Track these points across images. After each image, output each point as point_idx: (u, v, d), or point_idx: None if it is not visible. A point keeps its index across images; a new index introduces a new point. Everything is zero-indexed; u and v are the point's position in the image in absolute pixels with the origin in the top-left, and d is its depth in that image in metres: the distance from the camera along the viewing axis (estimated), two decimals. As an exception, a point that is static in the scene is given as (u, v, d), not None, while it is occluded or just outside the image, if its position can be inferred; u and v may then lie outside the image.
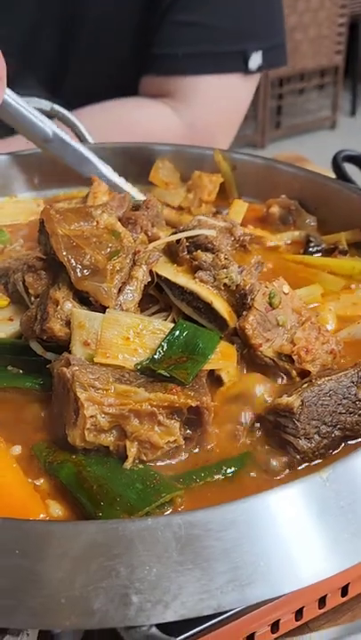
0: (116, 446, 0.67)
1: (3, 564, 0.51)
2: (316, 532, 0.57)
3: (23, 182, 1.24)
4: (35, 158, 1.23)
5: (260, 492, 0.57)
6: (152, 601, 0.50)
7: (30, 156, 1.24)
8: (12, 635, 0.56)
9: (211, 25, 1.63)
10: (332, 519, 0.58)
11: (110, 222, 0.83)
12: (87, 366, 0.70)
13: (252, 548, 0.54)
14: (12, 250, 0.99)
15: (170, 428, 0.67)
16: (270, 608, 0.70)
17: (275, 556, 0.55)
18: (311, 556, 0.56)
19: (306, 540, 0.57)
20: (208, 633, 0.66)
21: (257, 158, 1.22)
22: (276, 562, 0.55)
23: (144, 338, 0.75)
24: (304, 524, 0.57)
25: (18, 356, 0.80)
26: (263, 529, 0.56)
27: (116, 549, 0.52)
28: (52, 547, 0.52)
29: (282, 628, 0.73)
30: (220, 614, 0.65)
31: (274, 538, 0.56)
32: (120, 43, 1.67)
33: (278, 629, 0.73)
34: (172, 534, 0.53)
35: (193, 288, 0.81)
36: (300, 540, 0.57)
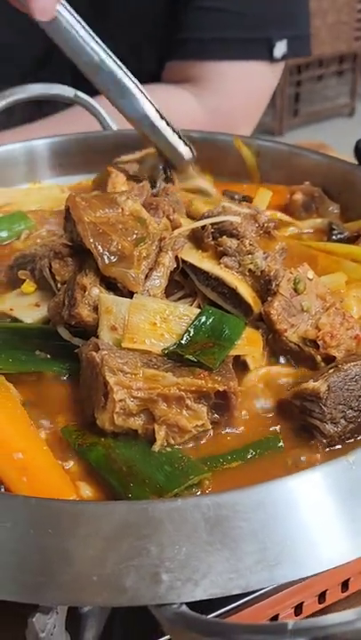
0: (145, 430, 0.68)
1: (36, 543, 0.53)
2: (342, 515, 0.58)
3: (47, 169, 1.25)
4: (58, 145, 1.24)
5: (287, 475, 0.58)
6: (182, 579, 0.51)
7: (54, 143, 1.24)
8: (43, 612, 0.57)
9: (237, 11, 1.63)
10: (358, 502, 0.58)
11: (136, 209, 0.83)
12: (116, 351, 0.71)
13: (278, 530, 0.55)
14: (37, 236, 1.00)
15: (197, 412, 0.68)
16: (295, 590, 0.71)
17: (301, 537, 0.56)
18: (336, 539, 0.57)
19: (331, 523, 0.57)
20: (235, 613, 0.67)
21: (281, 145, 1.22)
22: (302, 543, 0.55)
23: (170, 323, 0.76)
24: (329, 506, 0.58)
25: (45, 342, 0.81)
26: (289, 511, 0.56)
27: (147, 529, 0.53)
28: (84, 526, 0.53)
29: (305, 611, 0.74)
30: (246, 595, 0.67)
31: (300, 520, 0.56)
32: (145, 28, 1.67)
33: (302, 612, 0.74)
34: (200, 515, 0.53)
35: (218, 273, 0.82)
36: (326, 523, 0.57)
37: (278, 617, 0.72)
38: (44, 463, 0.63)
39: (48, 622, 0.56)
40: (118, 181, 0.95)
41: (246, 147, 1.21)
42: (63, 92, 1.23)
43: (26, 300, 0.87)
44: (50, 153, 1.23)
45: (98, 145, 1.22)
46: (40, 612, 0.56)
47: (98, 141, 1.22)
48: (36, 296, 0.87)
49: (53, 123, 1.54)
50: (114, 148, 1.19)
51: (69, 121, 1.51)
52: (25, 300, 0.86)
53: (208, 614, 0.62)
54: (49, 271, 0.85)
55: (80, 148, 1.19)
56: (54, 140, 1.23)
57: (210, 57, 1.68)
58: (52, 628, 0.56)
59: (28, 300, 0.87)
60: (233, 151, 1.22)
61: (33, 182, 1.22)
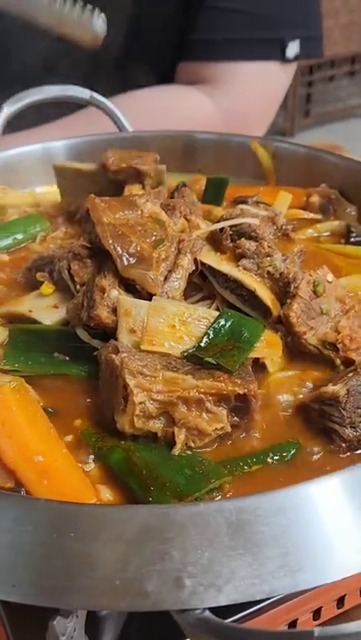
0: (164, 432, 0.67)
1: (58, 547, 0.52)
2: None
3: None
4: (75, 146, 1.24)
5: (307, 480, 0.57)
6: (205, 584, 0.51)
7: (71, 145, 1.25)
8: (63, 616, 0.57)
9: (250, 12, 1.63)
10: (379, 508, 0.58)
11: (155, 211, 0.83)
12: (135, 353, 0.70)
13: (299, 535, 0.55)
14: (54, 237, 1.00)
15: (217, 415, 0.68)
16: (313, 595, 0.70)
17: (322, 543, 0.55)
18: (357, 545, 0.57)
19: (351, 529, 0.57)
20: (253, 617, 0.67)
21: (298, 146, 1.22)
22: (324, 549, 0.55)
23: (189, 325, 0.75)
24: (349, 512, 0.58)
25: (64, 343, 0.81)
26: (310, 516, 0.56)
27: (169, 533, 0.52)
28: (106, 530, 0.53)
29: (324, 616, 0.73)
30: (265, 599, 0.66)
31: (320, 525, 0.56)
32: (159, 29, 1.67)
33: (320, 617, 0.73)
34: (223, 519, 0.53)
35: (237, 275, 0.82)
36: (346, 528, 0.57)
37: (297, 622, 0.72)
38: (65, 466, 0.63)
39: (68, 625, 0.56)
40: (134, 188, 0.95)
41: (262, 148, 1.21)
42: (79, 94, 1.23)
43: (44, 301, 0.87)
44: (67, 154, 1.23)
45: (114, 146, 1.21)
46: (60, 616, 0.55)
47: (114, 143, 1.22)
48: (54, 297, 0.87)
49: (68, 124, 1.54)
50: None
51: (84, 122, 1.51)
52: (43, 302, 0.86)
53: (226, 619, 0.62)
54: (68, 273, 0.85)
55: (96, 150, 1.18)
56: (71, 141, 1.23)
57: (223, 57, 1.68)
58: (72, 631, 0.56)
59: (46, 301, 0.87)
60: (249, 153, 1.22)
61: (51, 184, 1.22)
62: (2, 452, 0.62)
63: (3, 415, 0.64)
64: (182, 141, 1.25)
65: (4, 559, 0.53)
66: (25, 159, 1.21)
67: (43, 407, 0.71)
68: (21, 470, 0.61)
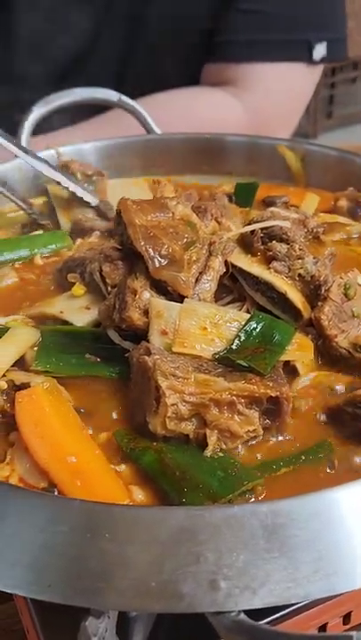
0: (196, 434, 0.67)
1: (93, 547, 0.53)
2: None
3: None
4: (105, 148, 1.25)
5: (340, 484, 0.57)
6: (240, 587, 0.51)
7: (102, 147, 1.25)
8: (95, 616, 0.57)
9: (277, 13, 1.63)
10: None
11: (186, 213, 0.83)
12: (167, 355, 0.70)
13: (333, 539, 0.54)
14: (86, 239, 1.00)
15: (249, 417, 0.68)
16: (343, 599, 0.70)
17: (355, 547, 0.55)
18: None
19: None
20: (283, 621, 0.67)
21: (328, 149, 1.21)
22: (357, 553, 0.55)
23: (221, 328, 0.75)
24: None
25: (95, 345, 0.81)
26: (343, 520, 0.55)
27: (204, 535, 0.52)
28: (141, 531, 0.53)
29: (354, 620, 0.73)
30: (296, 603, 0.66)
31: (354, 529, 0.56)
32: (186, 30, 1.67)
33: (350, 621, 0.73)
34: (258, 522, 0.53)
35: (268, 278, 0.81)
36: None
37: (327, 626, 0.71)
38: (98, 467, 0.63)
39: (100, 626, 0.56)
40: (166, 190, 0.95)
41: (291, 151, 1.21)
42: (107, 96, 1.24)
43: (76, 302, 0.87)
44: (97, 156, 1.24)
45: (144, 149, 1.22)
46: (92, 616, 0.56)
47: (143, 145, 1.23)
48: (85, 299, 0.88)
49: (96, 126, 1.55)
50: (159, 152, 1.19)
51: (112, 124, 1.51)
52: (75, 303, 0.87)
53: (257, 621, 0.62)
54: (99, 274, 0.86)
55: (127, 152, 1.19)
56: (101, 143, 1.24)
57: (250, 59, 1.68)
58: (104, 631, 0.56)
59: (77, 302, 0.87)
60: (279, 155, 1.22)
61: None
62: (35, 452, 0.63)
63: (36, 416, 0.65)
64: (211, 144, 1.25)
65: (39, 559, 0.53)
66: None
67: (75, 407, 0.71)
68: (54, 471, 0.61)
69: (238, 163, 1.24)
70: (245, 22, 1.64)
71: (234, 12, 1.63)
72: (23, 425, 0.64)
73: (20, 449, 0.64)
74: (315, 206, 1.09)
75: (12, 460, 0.64)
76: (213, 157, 1.24)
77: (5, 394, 0.70)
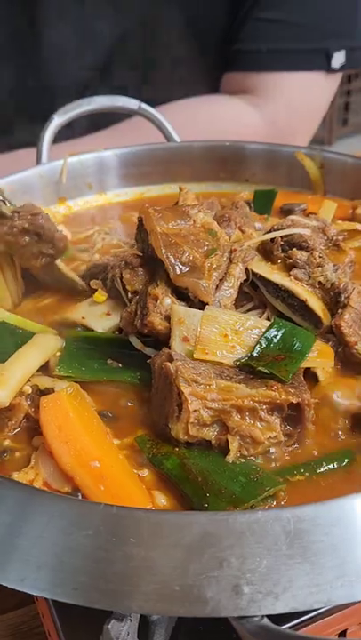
0: (218, 440, 0.68)
1: (118, 551, 0.53)
2: None
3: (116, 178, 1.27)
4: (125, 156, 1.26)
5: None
6: (263, 592, 0.51)
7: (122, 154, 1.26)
8: (117, 619, 0.58)
9: (295, 22, 1.64)
10: None
11: (207, 221, 0.84)
12: (189, 362, 0.71)
13: (357, 545, 0.55)
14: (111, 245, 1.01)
15: (271, 423, 0.68)
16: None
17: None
18: None
19: None
20: (304, 626, 0.67)
21: (346, 156, 1.22)
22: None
23: (242, 335, 0.76)
24: None
25: (116, 350, 0.82)
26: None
27: (227, 540, 0.53)
28: (166, 536, 0.53)
29: (373, 627, 0.73)
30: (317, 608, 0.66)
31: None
32: (204, 40, 1.68)
33: (370, 628, 0.73)
34: (281, 528, 0.53)
35: (288, 285, 0.82)
36: None
37: (346, 632, 0.72)
38: (121, 472, 0.64)
39: (122, 629, 0.56)
40: (189, 198, 0.96)
41: (309, 159, 1.21)
42: (127, 104, 1.25)
43: (97, 309, 0.88)
44: (117, 164, 1.25)
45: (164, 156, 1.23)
46: (115, 619, 0.56)
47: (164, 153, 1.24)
48: (106, 305, 0.88)
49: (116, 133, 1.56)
50: (178, 160, 1.20)
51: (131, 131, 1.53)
52: (96, 309, 0.88)
53: (281, 625, 0.62)
54: (120, 281, 0.86)
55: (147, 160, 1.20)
56: (122, 150, 1.25)
57: (268, 68, 1.69)
58: (126, 635, 0.57)
59: (99, 308, 0.88)
60: (297, 163, 1.23)
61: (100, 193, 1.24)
62: (59, 457, 0.63)
63: (60, 421, 0.66)
64: (231, 151, 1.26)
65: (65, 562, 0.53)
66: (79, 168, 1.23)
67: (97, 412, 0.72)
68: (78, 475, 0.62)
69: (256, 170, 1.25)
70: (265, 31, 1.65)
71: (254, 22, 1.64)
72: (47, 429, 0.65)
73: (44, 453, 0.65)
74: (332, 214, 1.09)
75: (36, 464, 0.65)
76: (232, 165, 1.25)
77: (30, 398, 0.71)
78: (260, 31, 1.66)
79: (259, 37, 1.66)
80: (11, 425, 0.71)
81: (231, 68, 1.72)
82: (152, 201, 1.23)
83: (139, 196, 1.27)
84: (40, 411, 0.67)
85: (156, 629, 0.67)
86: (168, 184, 1.23)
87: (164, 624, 0.68)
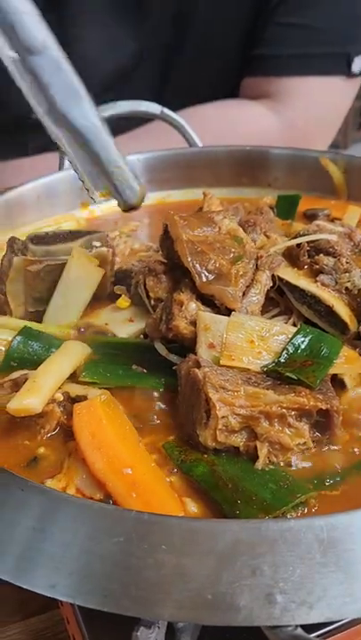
0: (246, 447, 0.68)
1: (149, 558, 0.53)
2: None
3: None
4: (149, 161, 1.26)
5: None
6: (296, 601, 0.51)
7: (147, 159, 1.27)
8: (145, 627, 0.58)
9: (316, 27, 1.64)
10: None
11: (233, 228, 0.84)
12: (216, 368, 0.71)
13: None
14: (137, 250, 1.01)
15: (300, 429, 0.68)
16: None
17: None
18: None
19: None
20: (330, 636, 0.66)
21: (372, 161, 1.22)
22: None
23: (268, 341, 0.76)
24: None
25: (141, 356, 0.82)
26: None
27: (260, 548, 0.53)
28: (198, 543, 0.53)
29: None
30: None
31: None
32: (225, 44, 1.69)
33: None
34: (314, 536, 0.53)
35: (314, 291, 0.82)
36: None
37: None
38: (153, 479, 0.64)
39: (150, 636, 0.56)
40: (213, 203, 0.96)
41: (333, 164, 1.21)
42: (150, 109, 1.25)
43: (120, 315, 0.88)
44: (140, 169, 1.25)
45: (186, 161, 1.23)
46: (143, 626, 0.56)
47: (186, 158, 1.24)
48: (129, 311, 0.89)
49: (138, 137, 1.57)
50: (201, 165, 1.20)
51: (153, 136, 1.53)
52: (119, 315, 0.88)
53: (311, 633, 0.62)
54: (143, 287, 0.86)
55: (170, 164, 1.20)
56: (144, 155, 1.25)
57: (288, 72, 1.69)
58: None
59: (122, 315, 0.88)
60: (320, 168, 1.22)
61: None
62: (92, 463, 0.63)
63: (93, 428, 0.66)
64: (253, 156, 1.26)
65: (96, 569, 0.53)
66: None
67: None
68: (111, 482, 0.62)
69: (279, 175, 1.25)
70: (285, 36, 1.65)
71: (274, 26, 1.64)
72: (81, 436, 0.65)
73: (76, 460, 0.65)
74: (357, 219, 1.09)
75: (68, 471, 0.65)
76: (255, 170, 1.25)
77: (62, 406, 0.71)
78: (281, 36, 1.66)
79: (279, 42, 1.66)
80: (44, 432, 0.71)
81: (251, 72, 1.72)
82: (174, 206, 1.23)
83: (160, 201, 1.28)
84: (73, 417, 0.67)
85: (182, 637, 0.67)
86: (190, 189, 1.23)
87: (189, 631, 0.68)
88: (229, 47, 1.70)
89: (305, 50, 1.65)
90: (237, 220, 0.88)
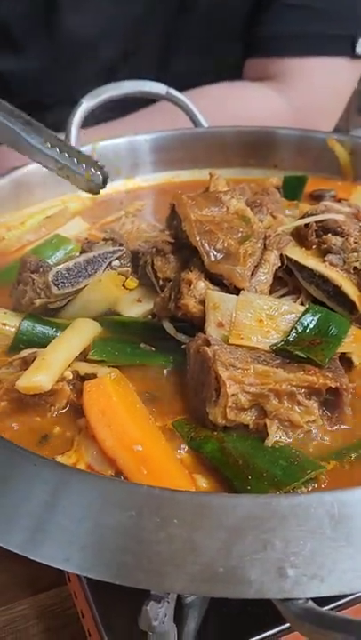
0: (256, 424, 0.68)
1: (162, 532, 0.53)
2: None
3: (147, 164, 1.27)
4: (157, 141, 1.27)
5: None
6: (308, 575, 0.51)
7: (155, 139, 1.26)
8: (155, 601, 0.58)
9: (320, 8, 1.62)
10: None
11: (241, 208, 0.84)
12: (226, 346, 0.71)
13: None
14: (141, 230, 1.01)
15: (309, 407, 0.68)
16: None
17: None
18: None
19: None
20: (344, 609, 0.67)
21: (377, 143, 1.21)
22: None
23: (276, 320, 0.76)
24: None
25: (150, 335, 0.82)
26: None
27: (271, 523, 0.53)
28: (209, 518, 0.53)
29: None
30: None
31: None
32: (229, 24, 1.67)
33: None
34: (324, 511, 0.53)
35: (322, 271, 0.82)
36: None
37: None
38: (163, 455, 0.64)
39: (160, 611, 0.56)
40: (219, 184, 0.95)
41: (340, 145, 1.21)
42: (155, 89, 1.25)
43: (128, 295, 0.88)
44: (147, 149, 1.25)
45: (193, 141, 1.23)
46: (153, 601, 0.56)
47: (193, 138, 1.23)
48: (137, 292, 0.88)
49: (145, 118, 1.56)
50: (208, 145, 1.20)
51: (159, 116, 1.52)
52: (128, 296, 0.88)
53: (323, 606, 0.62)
54: (151, 268, 0.86)
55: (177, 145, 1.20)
56: (151, 135, 1.25)
57: (292, 53, 1.67)
58: (163, 616, 0.57)
59: (130, 295, 0.88)
60: (327, 149, 1.22)
61: (129, 177, 1.24)
62: (102, 440, 0.64)
63: (103, 405, 0.66)
64: (260, 137, 1.26)
65: (109, 542, 0.54)
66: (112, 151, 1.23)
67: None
68: (121, 459, 0.62)
69: (286, 156, 1.24)
70: (290, 17, 1.63)
71: (278, 7, 1.63)
72: (91, 413, 0.66)
73: (87, 437, 0.65)
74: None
75: (79, 447, 0.65)
76: (261, 151, 1.24)
77: (71, 384, 0.72)
78: (284, 16, 1.65)
79: (282, 22, 1.65)
80: (53, 410, 0.71)
81: (254, 53, 1.71)
82: (180, 186, 1.22)
83: (167, 181, 1.27)
84: (83, 395, 0.68)
85: (190, 612, 0.68)
86: (197, 169, 1.23)
87: (197, 607, 0.69)
88: (232, 31, 1.68)
89: (309, 30, 1.64)
90: (245, 200, 0.88)
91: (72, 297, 0.84)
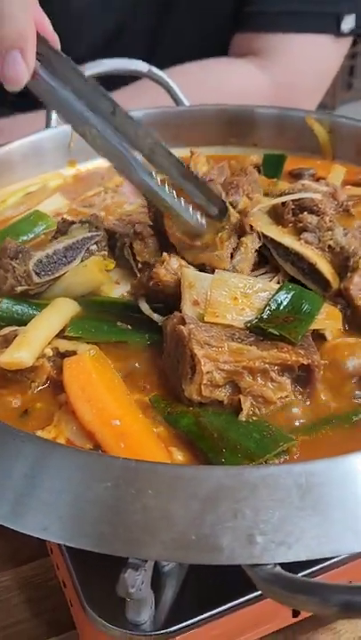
0: (230, 400, 0.70)
1: (137, 503, 0.56)
2: None
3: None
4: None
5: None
6: (276, 542, 0.54)
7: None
8: (133, 569, 0.60)
9: None
10: None
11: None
12: (201, 325, 0.73)
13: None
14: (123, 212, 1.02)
15: (282, 384, 0.70)
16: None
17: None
18: None
19: None
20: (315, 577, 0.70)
21: (356, 121, 1.22)
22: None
23: (251, 298, 0.78)
24: None
25: (127, 314, 0.83)
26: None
27: (242, 493, 0.55)
28: (183, 488, 0.56)
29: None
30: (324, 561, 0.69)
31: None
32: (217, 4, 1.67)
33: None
34: (293, 481, 0.56)
35: (298, 249, 0.83)
36: None
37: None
38: (141, 430, 0.66)
39: (137, 578, 0.59)
40: (200, 161, 0.96)
41: (318, 123, 1.22)
42: (137, 67, 1.25)
43: (106, 277, 0.89)
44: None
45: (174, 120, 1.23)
46: (131, 568, 0.59)
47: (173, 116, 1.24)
48: (115, 273, 0.89)
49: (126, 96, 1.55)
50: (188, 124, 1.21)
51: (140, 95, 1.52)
52: (105, 278, 0.89)
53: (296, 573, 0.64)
54: (130, 251, 0.88)
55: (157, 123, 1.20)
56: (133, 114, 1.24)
57: (277, 29, 1.67)
58: (140, 584, 0.59)
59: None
60: (306, 127, 1.23)
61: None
62: (81, 416, 0.66)
63: (82, 381, 0.68)
64: (240, 115, 1.26)
65: (86, 513, 0.56)
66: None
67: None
68: (100, 433, 0.64)
69: (266, 135, 1.25)
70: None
71: None
72: (70, 389, 0.67)
73: (67, 412, 0.67)
74: (341, 179, 1.10)
75: (58, 423, 0.67)
76: (241, 129, 1.25)
77: (52, 361, 0.73)
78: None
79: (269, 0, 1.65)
80: (34, 386, 0.73)
81: (239, 29, 1.71)
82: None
83: (148, 158, 1.28)
84: (64, 371, 0.69)
85: (168, 580, 0.70)
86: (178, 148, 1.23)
87: (175, 575, 0.71)
88: (221, 7, 1.68)
89: (294, 7, 1.64)
90: (221, 180, 0.89)
91: (52, 283, 0.85)
